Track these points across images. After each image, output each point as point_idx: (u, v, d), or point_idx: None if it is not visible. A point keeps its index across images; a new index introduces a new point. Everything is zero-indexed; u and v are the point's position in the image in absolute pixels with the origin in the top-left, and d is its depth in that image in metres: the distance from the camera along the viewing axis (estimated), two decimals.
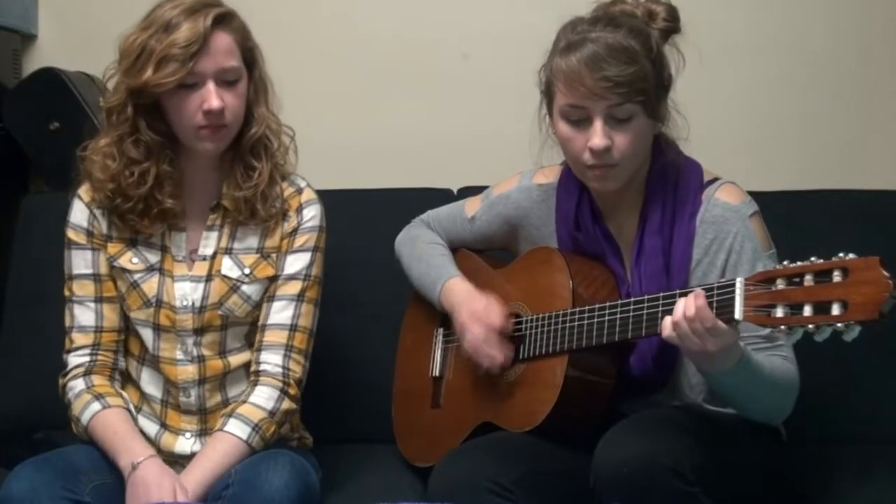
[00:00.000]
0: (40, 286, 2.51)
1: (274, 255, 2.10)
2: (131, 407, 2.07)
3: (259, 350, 2.09)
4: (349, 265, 2.56)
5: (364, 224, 2.59)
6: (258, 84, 2.08)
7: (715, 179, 2.02)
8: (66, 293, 2.11)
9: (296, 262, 2.10)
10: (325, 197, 2.56)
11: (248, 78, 2.05)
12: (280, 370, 2.07)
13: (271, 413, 2.04)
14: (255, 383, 2.07)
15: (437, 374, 2.27)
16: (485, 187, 2.29)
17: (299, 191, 2.14)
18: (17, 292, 2.57)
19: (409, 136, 2.84)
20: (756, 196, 2.01)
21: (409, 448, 2.30)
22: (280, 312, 2.09)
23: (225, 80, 1.99)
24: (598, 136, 1.91)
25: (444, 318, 2.27)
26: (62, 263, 2.13)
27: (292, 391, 2.07)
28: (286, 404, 2.06)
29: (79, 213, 2.10)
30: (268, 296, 2.10)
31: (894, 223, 2.36)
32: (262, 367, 2.07)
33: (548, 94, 2.00)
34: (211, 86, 1.97)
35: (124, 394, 2.08)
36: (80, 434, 2.04)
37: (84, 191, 2.11)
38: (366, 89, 2.86)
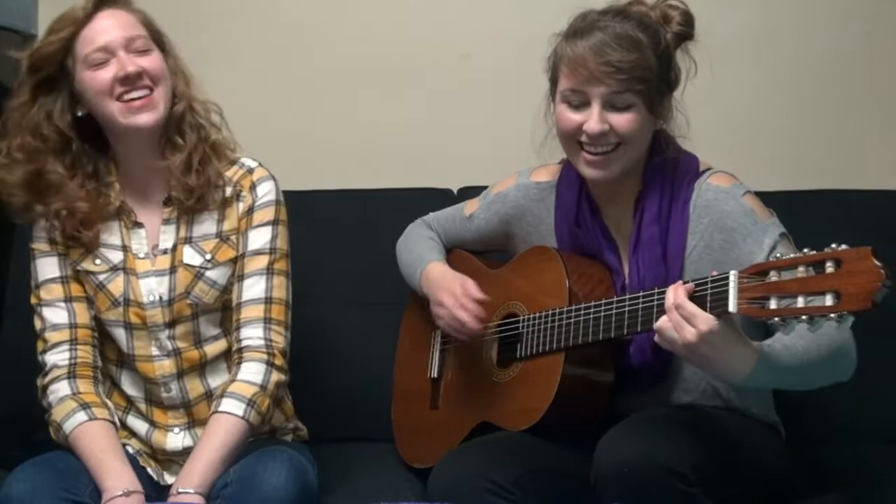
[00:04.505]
0: None
1: (234, 237, 2.10)
2: (116, 418, 2.06)
3: (238, 328, 2.08)
4: (349, 265, 2.56)
5: (364, 224, 2.59)
6: (174, 69, 2.09)
7: (708, 169, 2.03)
8: (33, 301, 2.11)
9: (258, 238, 2.10)
10: (326, 197, 2.58)
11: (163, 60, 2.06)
12: (263, 342, 2.06)
13: (262, 387, 2.03)
14: (240, 361, 2.06)
15: (436, 375, 2.27)
16: (485, 187, 2.29)
17: (250, 170, 2.13)
18: (17, 292, 2.56)
19: (408, 136, 2.84)
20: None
21: (409, 450, 2.30)
22: (252, 288, 2.08)
23: (136, 50, 2.02)
24: (594, 119, 1.93)
25: None
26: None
27: (278, 362, 2.06)
28: (275, 376, 2.05)
29: (39, 226, 2.11)
30: (237, 276, 2.10)
31: (894, 223, 2.37)
32: (244, 342, 2.06)
33: (553, 78, 2.02)
34: (122, 54, 2.00)
35: (109, 403, 2.07)
36: (59, 440, 2.02)
37: None
38: (366, 89, 2.86)
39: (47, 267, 2.10)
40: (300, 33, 2.87)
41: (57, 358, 2.07)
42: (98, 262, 2.09)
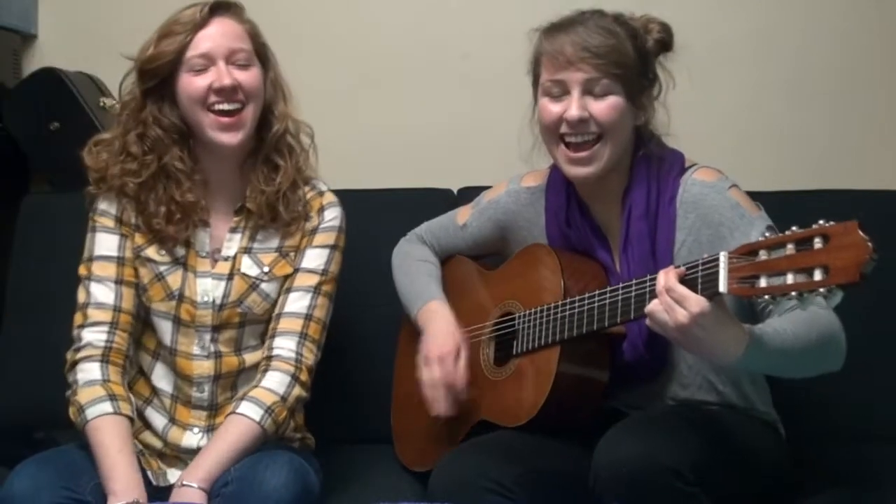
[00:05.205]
0: (41, 286, 2.51)
1: (293, 254, 2.12)
2: (135, 416, 2.05)
3: (273, 337, 2.09)
4: (349, 266, 2.55)
5: (364, 224, 2.57)
6: (275, 83, 2.12)
7: (693, 165, 2.04)
8: (83, 272, 2.09)
9: (315, 258, 2.12)
10: None
11: (263, 74, 2.08)
12: (293, 355, 2.07)
13: (283, 398, 2.04)
14: (267, 369, 2.07)
15: None
16: (485, 188, 2.30)
17: (321, 193, 2.17)
18: (18, 292, 2.57)
19: (409, 136, 2.85)
20: (753, 196, 2.00)
21: (409, 454, 2.30)
22: (296, 302, 2.10)
23: (236, 63, 2.04)
24: (574, 106, 1.96)
25: None
26: (63, 263, 2.13)
27: (303, 377, 2.08)
28: (297, 391, 2.06)
29: (108, 201, 2.10)
30: (284, 288, 2.11)
31: (894, 223, 2.37)
32: (276, 352, 2.08)
33: (534, 77, 2.05)
34: (221, 65, 2.02)
35: (132, 398, 2.07)
36: (77, 423, 2.01)
37: None
38: (366, 89, 2.86)
39: (106, 243, 2.09)
40: (300, 33, 2.86)
41: (94, 337, 2.06)
42: (162, 252, 2.09)
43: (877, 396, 2.36)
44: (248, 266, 2.10)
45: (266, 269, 2.10)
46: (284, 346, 2.08)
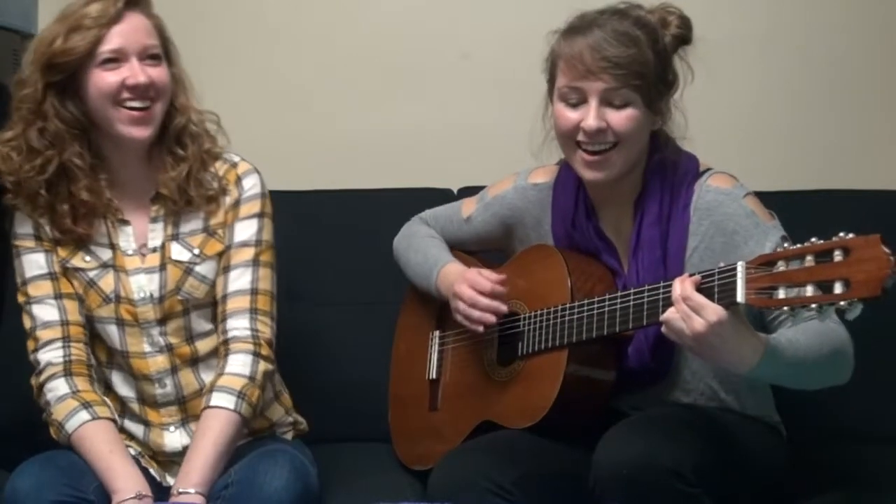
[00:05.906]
0: None
1: (220, 231, 2.10)
2: (116, 416, 2.05)
3: (224, 319, 2.07)
4: (349, 265, 2.56)
5: (364, 224, 2.59)
6: (177, 78, 2.08)
7: (708, 170, 2.03)
8: (21, 299, 2.08)
9: (244, 230, 2.09)
10: (325, 197, 2.57)
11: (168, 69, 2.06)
12: (249, 333, 2.06)
13: (251, 378, 2.02)
14: (227, 353, 2.05)
15: (434, 376, 2.27)
16: (485, 187, 2.28)
17: (234, 164, 2.12)
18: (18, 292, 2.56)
19: (408, 136, 2.84)
20: (756, 196, 2.00)
21: (408, 452, 2.30)
22: (238, 279, 2.08)
23: (149, 56, 2.01)
24: (591, 116, 1.92)
25: (439, 321, 2.28)
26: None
27: (265, 352, 2.06)
28: (262, 366, 2.05)
29: (23, 222, 2.08)
30: (222, 267, 2.09)
31: (894, 223, 2.37)
32: (231, 333, 2.06)
33: (550, 77, 2.02)
34: (135, 62, 1.99)
35: (108, 401, 2.06)
36: (61, 440, 2.01)
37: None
38: (365, 89, 2.86)
39: (34, 263, 2.08)
40: (301, 33, 2.87)
41: (51, 356, 2.05)
42: (88, 258, 2.08)
43: (878, 398, 2.36)
44: (178, 252, 2.08)
45: (196, 251, 2.08)
46: (238, 325, 2.06)
